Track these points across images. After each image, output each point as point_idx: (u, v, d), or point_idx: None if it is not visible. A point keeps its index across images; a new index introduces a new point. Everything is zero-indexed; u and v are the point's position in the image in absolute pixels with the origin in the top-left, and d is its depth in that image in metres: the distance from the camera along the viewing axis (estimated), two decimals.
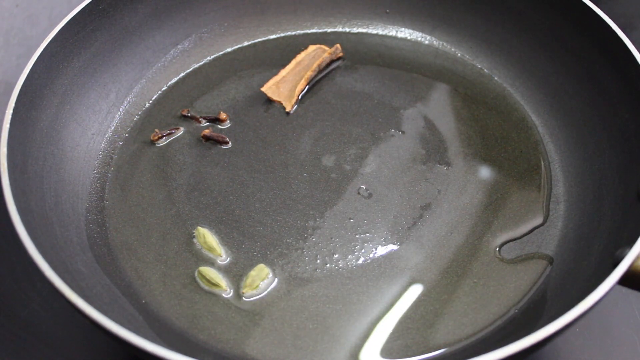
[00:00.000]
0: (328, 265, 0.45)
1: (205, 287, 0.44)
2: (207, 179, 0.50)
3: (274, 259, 0.45)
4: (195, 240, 0.46)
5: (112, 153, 0.52)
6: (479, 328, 0.42)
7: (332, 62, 0.58)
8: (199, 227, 0.47)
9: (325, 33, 0.62)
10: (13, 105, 0.42)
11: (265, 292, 0.43)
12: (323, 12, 0.62)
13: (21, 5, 0.57)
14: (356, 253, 0.45)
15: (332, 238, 0.46)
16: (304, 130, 0.53)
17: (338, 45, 0.58)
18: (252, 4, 0.60)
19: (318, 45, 0.59)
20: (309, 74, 0.56)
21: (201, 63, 0.59)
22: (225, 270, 0.45)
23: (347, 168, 0.50)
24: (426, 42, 0.60)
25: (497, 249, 0.46)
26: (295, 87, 0.55)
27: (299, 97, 0.56)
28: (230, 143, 0.52)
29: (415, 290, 0.44)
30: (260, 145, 0.52)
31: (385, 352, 0.41)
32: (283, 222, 0.47)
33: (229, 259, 0.45)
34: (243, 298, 0.43)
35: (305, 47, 0.58)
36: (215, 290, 0.44)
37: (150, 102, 0.56)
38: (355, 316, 0.42)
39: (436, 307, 0.43)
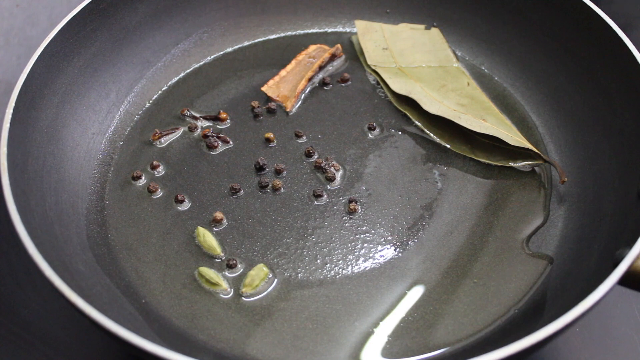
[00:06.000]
0: (328, 265, 0.45)
1: (205, 287, 0.44)
2: (207, 179, 0.50)
3: (274, 259, 0.45)
4: (195, 240, 0.46)
5: (112, 153, 0.52)
6: (479, 328, 0.42)
7: (332, 62, 0.58)
8: (199, 227, 0.47)
9: (325, 33, 0.62)
10: (13, 104, 0.43)
11: (265, 292, 0.43)
12: (323, 12, 0.62)
13: (21, 5, 0.57)
14: (356, 253, 0.45)
15: (332, 238, 0.46)
16: (304, 130, 0.53)
17: (339, 45, 0.58)
18: (252, 4, 0.60)
19: (318, 45, 0.59)
20: (310, 73, 0.56)
21: (201, 63, 0.59)
22: (225, 270, 0.45)
23: (347, 168, 0.50)
24: None
25: (498, 249, 0.46)
26: (296, 87, 0.55)
27: (300, 97, 0.56)
28: (230, 142, 0.52)
29: (415, 290, 0.44)
30: (260, 145, 0.52)
31: (385, 352, 0.41)
32: (283, 222, 0.47)
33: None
34: (243, 298, 0.43)
35: (306, 47, 0.58)
36: (215, 290, 0.44)
37: (151, 102, 0.56)
38: (355, 316, 0.42)
39: (436, 307, 0.43)
